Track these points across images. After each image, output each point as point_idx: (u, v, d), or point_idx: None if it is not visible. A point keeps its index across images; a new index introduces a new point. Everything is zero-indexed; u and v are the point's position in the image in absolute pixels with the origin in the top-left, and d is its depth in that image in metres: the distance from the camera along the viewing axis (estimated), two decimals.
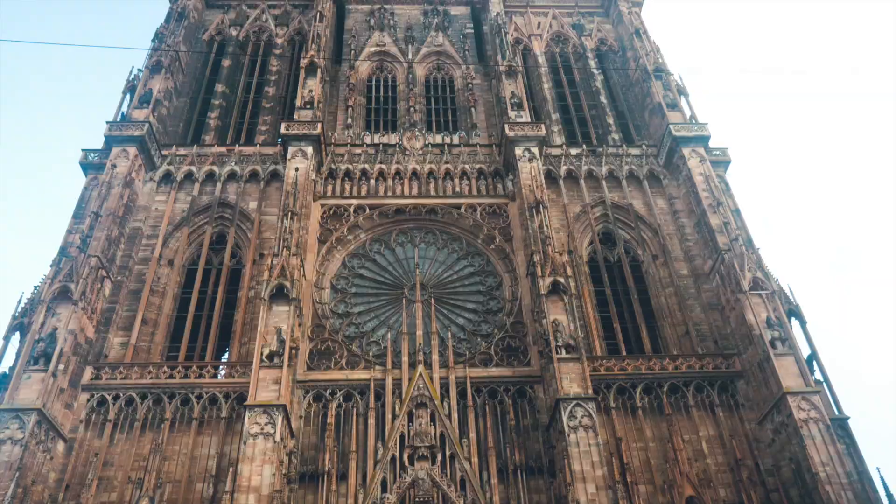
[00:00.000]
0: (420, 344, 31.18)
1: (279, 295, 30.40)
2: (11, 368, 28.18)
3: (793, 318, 31.04)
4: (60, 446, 27.78)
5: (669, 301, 34.70)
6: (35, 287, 30.62)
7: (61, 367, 28.23)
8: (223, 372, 31.08)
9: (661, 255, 36.33)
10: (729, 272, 32.53)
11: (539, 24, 51.20)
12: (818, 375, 29.55)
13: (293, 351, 29.32)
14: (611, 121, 44.43)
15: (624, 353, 32.60)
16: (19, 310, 30.02)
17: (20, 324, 29.57)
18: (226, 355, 33.47)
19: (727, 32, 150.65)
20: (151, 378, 30.15)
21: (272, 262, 31.64)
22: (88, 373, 30.07)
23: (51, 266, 31.26)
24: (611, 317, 34.30)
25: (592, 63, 48.40)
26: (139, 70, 41.67)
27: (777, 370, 28.50)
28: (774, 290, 31.50)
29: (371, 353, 32.26)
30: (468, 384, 30.27)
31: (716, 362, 31.54)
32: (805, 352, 29.82)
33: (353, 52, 47.96)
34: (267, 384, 27.65)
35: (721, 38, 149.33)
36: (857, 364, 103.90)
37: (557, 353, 28.95)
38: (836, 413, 28.68)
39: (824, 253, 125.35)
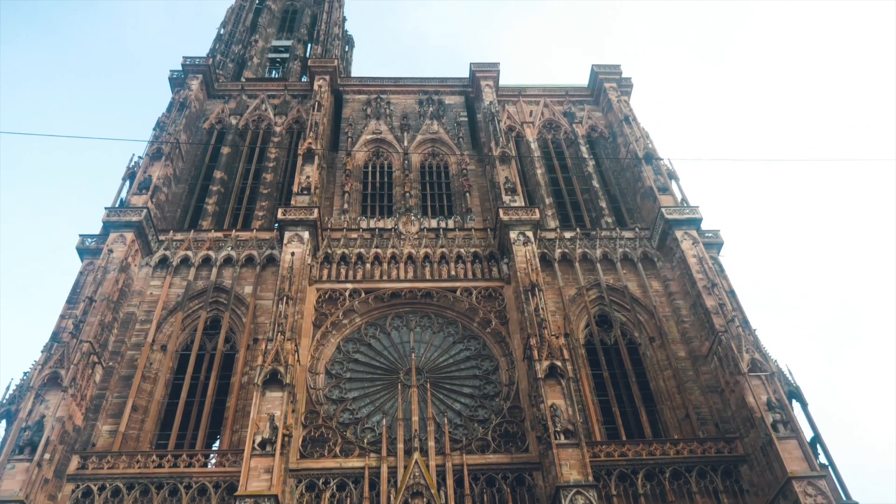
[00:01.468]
0: (416, 430, 30.53)
1: (273, 380, 29.97)
2: None
3: (793, 400, 30.55)
4: None
5: (668, 384, 34.27)
6: (25, 373, 30.16)
7: (47, 456, 27.46)
8: (213, 461, 30.23)
9: (658, 337, 36.13)
10: (727, 354, 32.28)
11: (531, 111, 52.67)
12: (823, 459, 28.85)
13: (286, 438, 28.66)
14: (603, 204, 45.07)
15: (624, 437, 31.90)
16: (7, 397, 29.39)
17: (7, 411, 28.88)
18: (217, 443, 32.64)
19: (717, 114, 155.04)
20: (139, 467, 29.26)
21: (266, 346, 31.37)
22: (75, 462, 29.20)
23: (42, 352, 30.89)
24: (609, 400, 33.74)
25: (584, 149, 49.54)
26: (139, 157, 42.53)
27: (781, 454, 27.81)
28: (773, 371, 31.17)
29: (366, 440, 31.52)
30: (465, 472, 29.42)
31: (718, 446, 30.84)
32: (808, 434, 29.23)
33: (349, 139, 49.09)
34: (258, 473, 26.85)
35: (711, 120, 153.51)
36: (861, 444, 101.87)
37: (556, 438, 28.28)
38: (844, 498, 27.78)
39: (822, 330, 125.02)
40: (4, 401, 29.29)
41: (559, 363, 31.00)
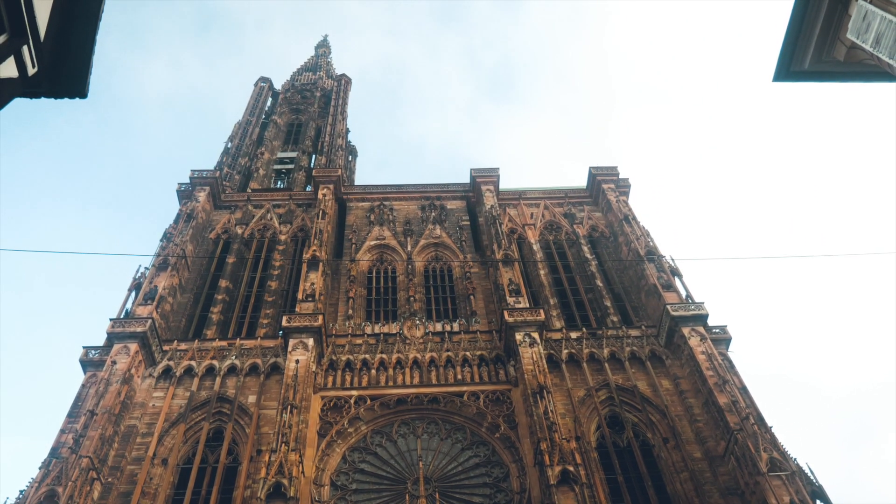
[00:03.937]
0: None
1: (276, 494, 29.03)
2: None
3: (817, 501, 29.40)
4: None
5: (685, 487, 33.01)
6: (21, 492, 29.34)
7: None
8: None
9: (672, 437, 35.15)
10: (744, 453, 31.30)
11: (532, 214, 53.49)
12: None
13: None
14: (608, 303, 44.96)
15: None
16: None
17: None
18: None
19: (717, 208, 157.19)
20: None
21: (270, 458, 30.56)
22: None
23: (39, 468, 30.15)
24: None
25: (586, 248, 49.93)
26: (146, 268, 42.91)
27: None
28: (794, 470, 30.14)
29: None
30: None
31: None
32: None
33: (353, 245, 49.63)
34: None
35: (712, 214, 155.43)
36: None
37: None
38: None
39: (839, 422, 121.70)
40: None
41: (571, 468, 30.06)
